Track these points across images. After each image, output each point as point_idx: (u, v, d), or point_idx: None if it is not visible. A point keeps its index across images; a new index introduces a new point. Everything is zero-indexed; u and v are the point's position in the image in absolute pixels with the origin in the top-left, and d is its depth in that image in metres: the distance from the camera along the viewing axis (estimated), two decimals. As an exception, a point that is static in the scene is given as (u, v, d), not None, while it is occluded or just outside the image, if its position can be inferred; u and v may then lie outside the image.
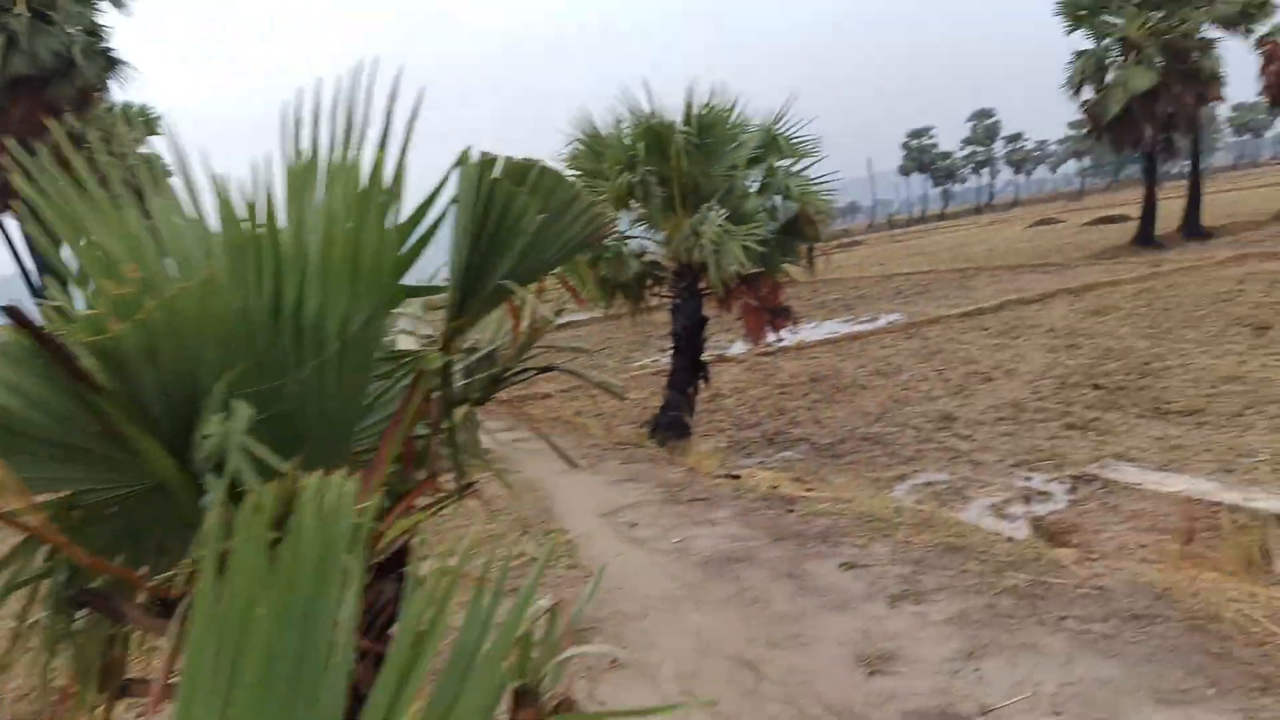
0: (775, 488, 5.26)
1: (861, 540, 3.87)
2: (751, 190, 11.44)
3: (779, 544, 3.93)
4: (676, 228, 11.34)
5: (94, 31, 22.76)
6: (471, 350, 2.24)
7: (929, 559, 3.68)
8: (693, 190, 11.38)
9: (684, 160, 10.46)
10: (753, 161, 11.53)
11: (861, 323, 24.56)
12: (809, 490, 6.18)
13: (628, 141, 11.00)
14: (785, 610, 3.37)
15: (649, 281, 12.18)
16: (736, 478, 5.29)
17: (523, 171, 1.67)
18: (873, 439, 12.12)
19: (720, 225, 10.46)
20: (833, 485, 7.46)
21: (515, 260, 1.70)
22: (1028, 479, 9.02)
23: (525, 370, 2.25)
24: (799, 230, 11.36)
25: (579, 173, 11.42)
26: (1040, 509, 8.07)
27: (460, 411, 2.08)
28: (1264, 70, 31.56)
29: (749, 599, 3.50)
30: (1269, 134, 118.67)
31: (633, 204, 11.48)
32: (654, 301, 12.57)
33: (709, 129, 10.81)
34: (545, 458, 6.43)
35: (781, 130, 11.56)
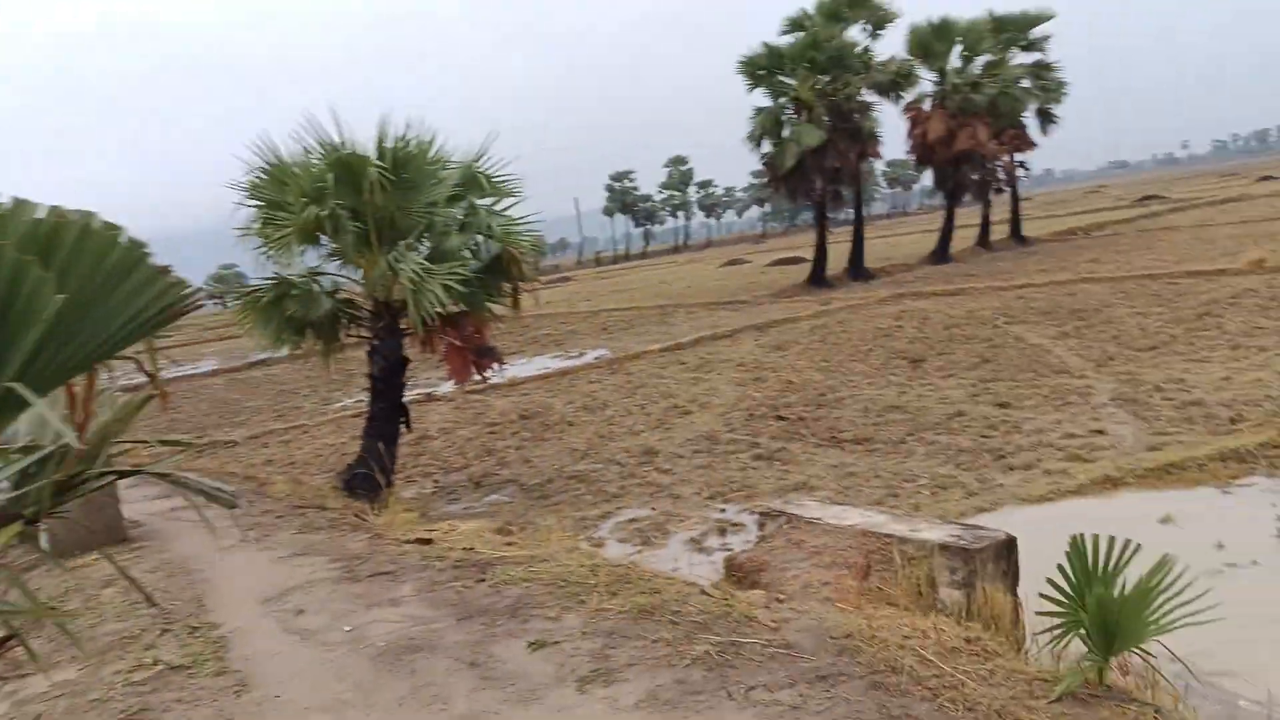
0: (470, 549, 4.93)
1: (554, 611, 3.64)
2: (453, 228, 11.08)
3: (465, 624, 3.59)
4: (372, 265, 10.73)
5: None
6: (29, 449, 1.73)
7: (622, 628, 3.52)
8: (389, 226, 10.83)
9: (378, 195, 9.90)
10: (453, 199, 11.19)
11: (570, 358, 24.88)
12: (508, 545, 5.91)
13: (315, 172, 10.25)
14: (466, 710, 3.04)
15: (344, 320, 11.41)
16: (428, 541, 4.90)
17: (50, 236, 1.25)
18: (579, 476, 12.13)
19: (419, 263, 10.02)
20: (536, 533, 7.25)
21: (28, 355, 1.28)
22: (722, 510, 9.36)
23: (105, 475, 1.78)
24: (503, 269, 11.16)
25: (259, 204, 10.48)
26: (734, 540, 8.36)
27: (8, 532, 1.58)
28: (910, 132, 36.15)
29: (427, 698, 3.13)
30: (916, 187, 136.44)
31: (323, 239, 10.72)
32: (350, 340, 11.80)
33: (405, 164, 10.35)
34: (209, 530, 5.65)
35: (482, 168, 11.35)
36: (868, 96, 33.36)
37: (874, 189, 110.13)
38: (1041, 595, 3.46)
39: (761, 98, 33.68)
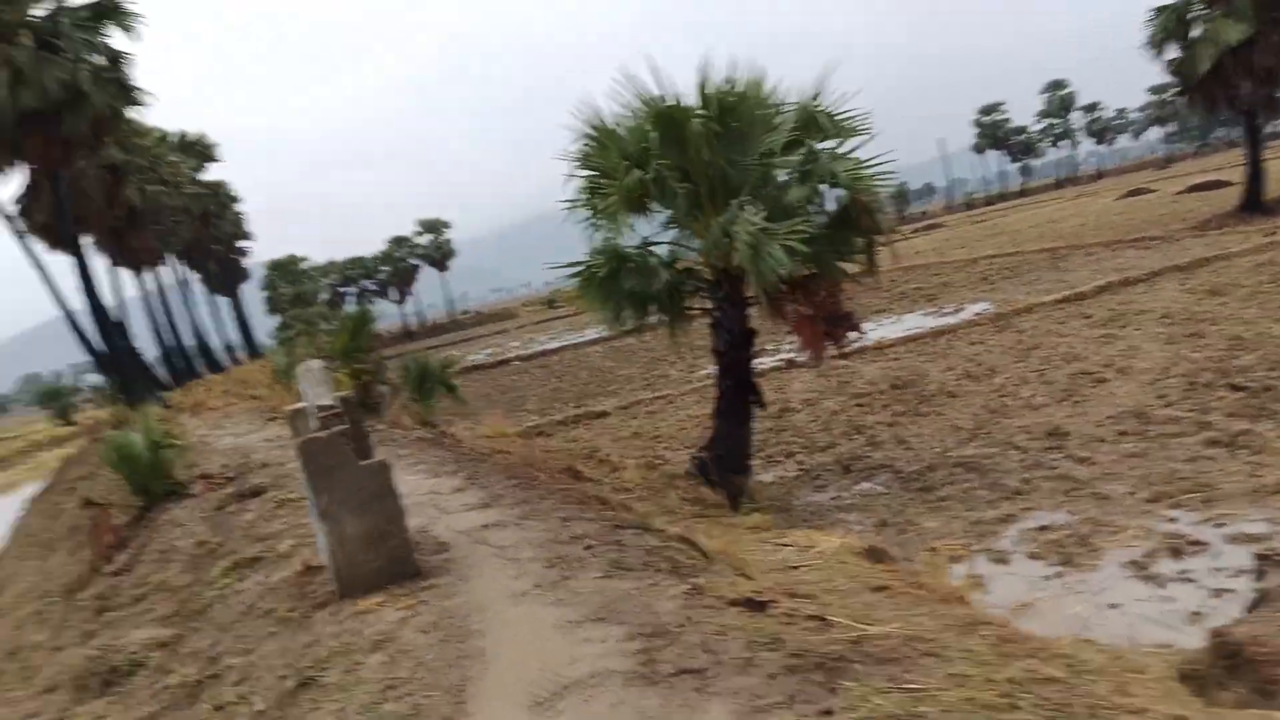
0: (820, 619, 3.54)
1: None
2: (792, 180, 9.64)
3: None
4: (706, 229, 9.64)
5: (115, 59, 22.08)
6: None
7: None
8: (721, 184, 9.66)
9: (705, 149, 8.73)
10: (790, 145, 9.74)
11: (946, 314, 22.37)
12: (881, 592, 4.44)
13: (637, 132, 9.33)
14: None
15: (686, 291, 10.48)
16: (760, 606, 3.60)
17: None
18: (969, 464, 10.19)
19: (755, 223, 8.72)
20: (918, 566, 5.69)
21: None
22: (1172, 519, 7.03)
23: None
24: (853, 222, 9.52)
25: (591, 172, 9.81)
26: (1195, 566, 6.11)
27: None
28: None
29: None
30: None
31: (653, 205, 9.83)
32: (696, 312, 10.88)
33: (732, 110, 9.08)
34: (511, 561, 4.82)
35: (822, 107, 9.75)
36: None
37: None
38: None
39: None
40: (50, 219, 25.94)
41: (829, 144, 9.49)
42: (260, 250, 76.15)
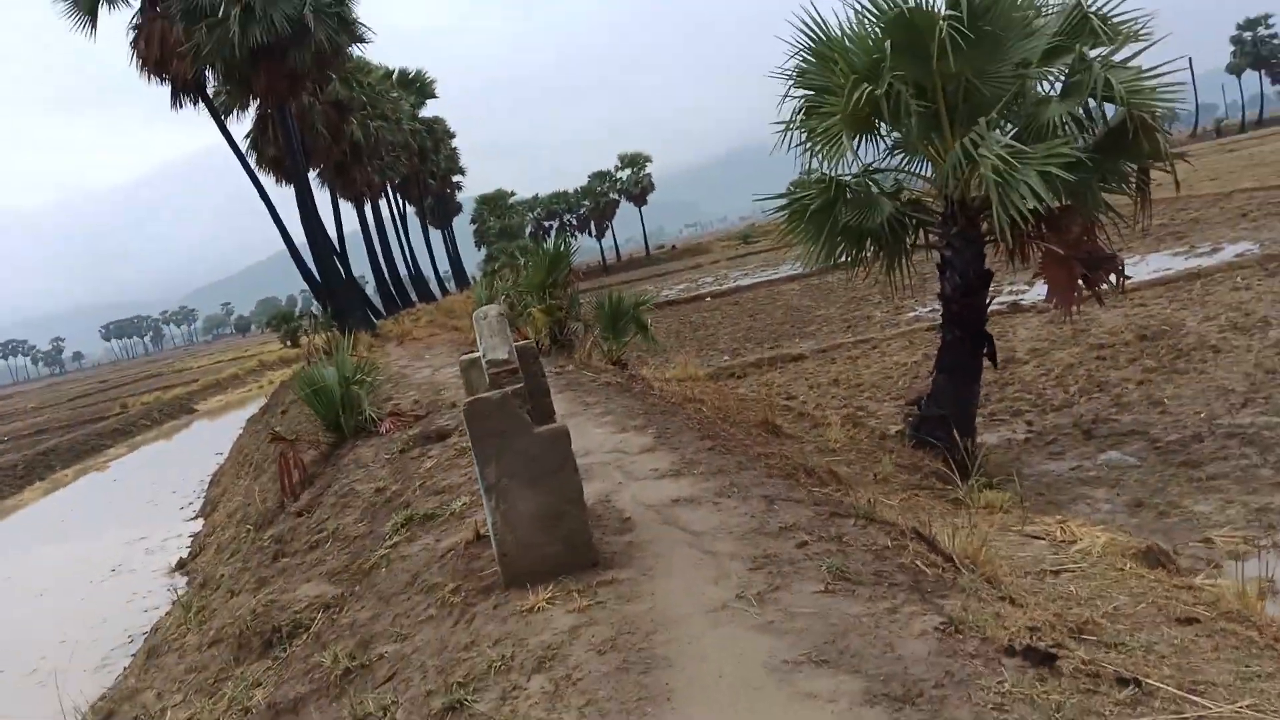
0: (1137, 687, 2.53)
1: None
2: (1052, 95, 8.13)
3: None
4: (943, 153, 8.33)
5: (340, -4, 22.58)
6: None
7: None
8: (963, 100, 8.29)
9: (951, 59, 7.40)
10: (1050, 54, 8.19)
11: (1199, 255, 19.54)
12: (1189, 626, 3.34)
13: (869, 42, 8.08)
14: None
15: (910, 225, 9.23)
16: (1050, 658, 2.62)
17: None
18: (1243, 435, 8.52)
19: (1006, 145, 7.36)
20: (1216, 580, 4.45)
21: None
22: None
23: None
24: (1125, 145, 7.92)
25: (807, 91, 8.67)
26: None
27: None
28: None
29: None
30: None
31: (881, 126, 8.59)
32: (918, 250, 9.61)
33: (985, 11, 7.64)
34: (708, 555, 3.98)
35: (1094, 5, 8.11)
36: None
37: None
38: None
39: None
40: (278, 153, 27.31)
41: (1099, 50, 7.87)
42: (470, 185, 78.85)
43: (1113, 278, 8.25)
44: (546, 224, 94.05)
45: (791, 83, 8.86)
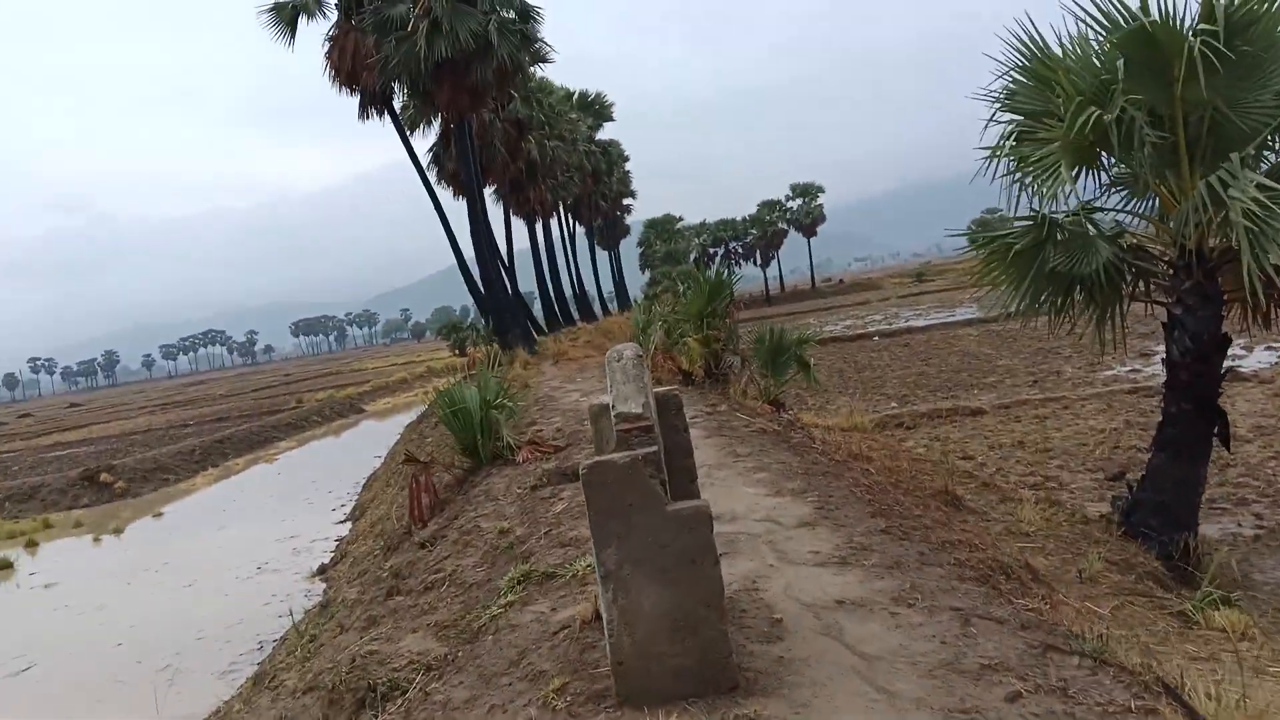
0: None
1: None
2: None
3: None
4: (1179, 194, 7.07)
5: (525, 13, 22.88)
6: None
7: None
8: (1208, 133, 7.01)
9: (1202, 83, 6.20)
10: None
11: None
12: None
13: (1097, 61, 6.95)
14: None
15: (1128, 275, 7.95)
16: None
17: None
18: None
19: (1265, 186, 6.09)
20: None
21: None
22: None
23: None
24: None
25: (1017, 117, 7.60)
26: None
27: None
28: None
29: None
30: None
31: (1103, 160, 7.42)
32: (1137, 304, 8.31)
33: (1246, 28, 6.39)
34: (884, 695, 3.02)
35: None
36: None
37: None
38: None
39: None
40: (457, 167, 27.96)
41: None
42: (640, 208, 79.69)
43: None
44: (712, 250, 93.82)
45: (998, 106, 7.81)
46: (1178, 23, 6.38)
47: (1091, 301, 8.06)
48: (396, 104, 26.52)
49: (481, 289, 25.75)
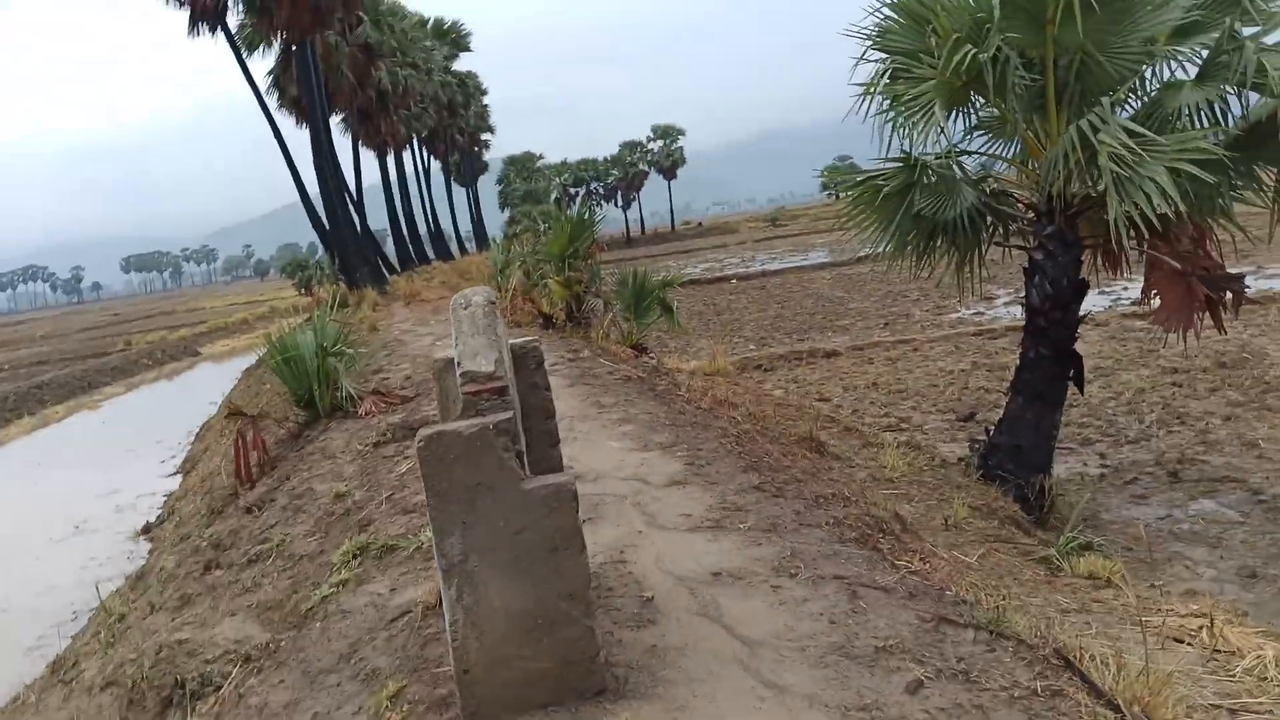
0: None
1: None
2: (1185, 80, 6.81)
3: None
4: (1045, 138, 7.02)
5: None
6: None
7: None
8: (1076, 78, 6.96)
9: (1080, 23, 6.07)
10: (1182, 31, 6.87)
11: (1274, 277, 18.08)
12: None
13: (973, 1, 6.74)
14: None
15: (988, 221, 7.93)
16: None
17: None
18: (1368, 494, 7.24)
19: (1135, 131, 6.07)
20: None
21: None
22: None
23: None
24: (1266, 145, 6.62)
25: (889, 55, 7.35)
26: None
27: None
28: None
29: None
30: None
31: (976, 100, 7.29)
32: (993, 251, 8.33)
33: (1121, -30, 6.30)
34: (769, 688, 2.70)
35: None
36: None
37: None
38: None
39: None
40: (300, 92, 26.03)
41: (1250, 31, 6.53)
42: (497, 145, 77.43)
43: (1236, 302, 6.95)
44: (573, 190, 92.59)
45: (869, 44, 7.54)
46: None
47: (953, 246, 8.01)
48: (233, 21, 24.37)
49: (326, 224, 24.21)
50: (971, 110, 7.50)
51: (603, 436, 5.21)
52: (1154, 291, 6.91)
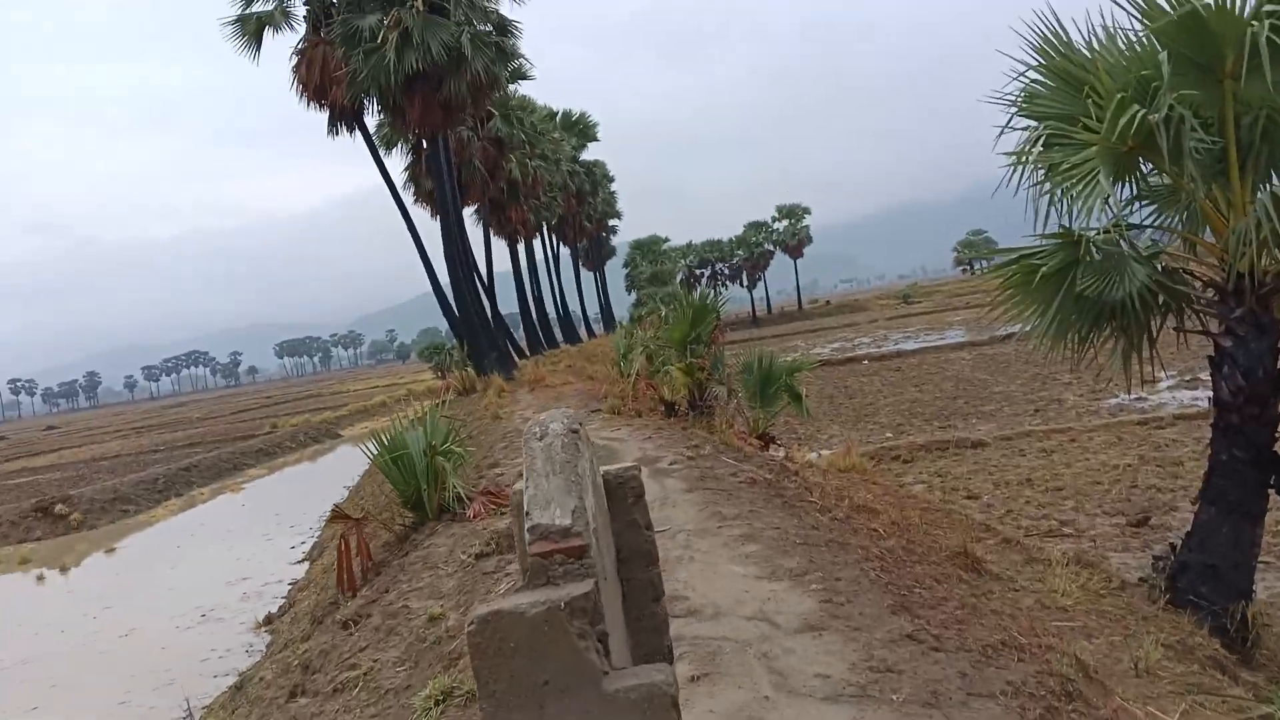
0: None
1: None
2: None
3: None
4: (1228, 208, 6.13)
5: (502, 27, 21.98)
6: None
7: None
8: (1262, 138, 6.08)
9: (1269, 76, 5.26)
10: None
11: None
12: None
13: (1136, 53, 6.01)
14: None
15: (1161, 302, 6.98)
16: None
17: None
18: None
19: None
20: None
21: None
22: None
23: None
24: None
25: (1040, 120, 6.65)
26: None
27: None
28: None
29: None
30: None
31: (1145, 165, 6.47)
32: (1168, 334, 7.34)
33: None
34: None
35: None
36: None
37: None
38: None
39: None
40: (433, 185, 26.97)
41: None
42: (625, 230, 78.93)
43: None
44: (699, 271, 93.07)
45: (1015, 110, 6.86)
46: (1235, 6, 5.43)
47: (1120, 331, 7.09)
48: (370, 121, 25.60)
49: (456, 311, 24.68)
50: (1137, 179, 6.67)
51: (724, 557, 4.58)
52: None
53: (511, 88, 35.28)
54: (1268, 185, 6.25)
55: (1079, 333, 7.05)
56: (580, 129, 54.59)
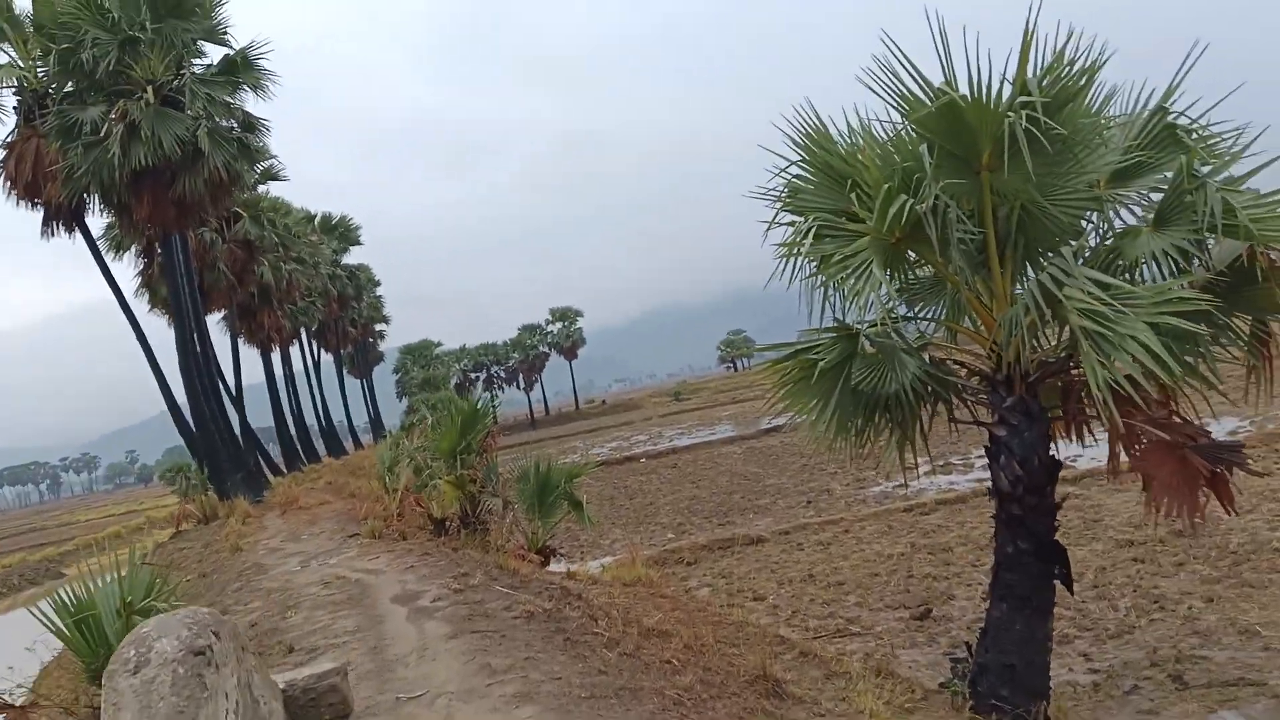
0: None
1: None
2: (1140, 225, 6.09)
3: None
4: (990, 298, 6.15)
5: (249, 125, 20.52)
6: None
7: None
8: (1018, 229, 6.19)
9: (1021, 169, 5.27)
10: (1122, 174, 6.24)
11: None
12: None
13: (898, 143, 5.97)
14: None
15: (929, 393, 6.92)
16: None
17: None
18: None
19: (1110, 284, 5.21)
20: None
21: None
22: None
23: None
24: (1242, 292, 5.88)
25: (805, 215, 6.47)
26: None
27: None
28: None
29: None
30: None
31: (910, 256, 6.42)
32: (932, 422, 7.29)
33: (1060, 107, 5.61)
34: None
35: (1180, 113, 6.25)
36: None
37: None
38: None
39: None
40: (168, 290, 24.52)
41: (1203, 168, 5.87)
42: (396, 335, 76.43)
43: (1232, 473, 5.99)
44: (474, 375, 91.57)
45: (780, 206, 6.68)
46: (989, 98, 5.47)
47: (894, 424, 6.96)
48: (98, 222, 23.00)
49: (194, 428, 22.16)
50: (904, 271, 6.62)
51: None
52: (1136, 467, 5.90)
53: (263, 188, 33.34)
54: (1023, 276, 6.36)
55: (856, 425, 6.85)
56: (342, 232, 52.68)
